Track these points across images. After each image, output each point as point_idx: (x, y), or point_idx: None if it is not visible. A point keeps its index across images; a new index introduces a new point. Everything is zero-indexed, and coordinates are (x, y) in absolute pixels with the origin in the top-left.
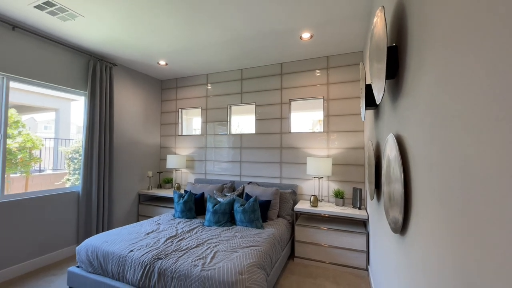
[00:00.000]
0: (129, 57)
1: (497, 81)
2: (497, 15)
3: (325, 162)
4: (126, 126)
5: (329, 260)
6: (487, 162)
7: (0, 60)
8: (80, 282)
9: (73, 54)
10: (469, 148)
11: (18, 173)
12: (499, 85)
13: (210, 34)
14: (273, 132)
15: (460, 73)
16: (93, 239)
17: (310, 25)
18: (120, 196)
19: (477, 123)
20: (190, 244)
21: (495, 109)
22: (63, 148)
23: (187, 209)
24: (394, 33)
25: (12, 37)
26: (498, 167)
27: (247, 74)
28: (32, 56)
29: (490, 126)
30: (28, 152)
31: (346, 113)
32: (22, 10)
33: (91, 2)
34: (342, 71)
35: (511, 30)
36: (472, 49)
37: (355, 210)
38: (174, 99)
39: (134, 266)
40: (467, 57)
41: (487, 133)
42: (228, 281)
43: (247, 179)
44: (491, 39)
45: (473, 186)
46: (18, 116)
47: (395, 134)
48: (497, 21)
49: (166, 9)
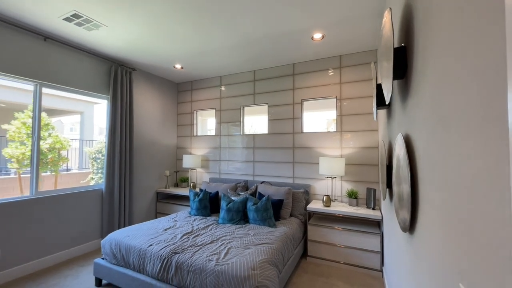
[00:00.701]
0: (147, 62)
1: (484, 83)
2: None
3: (338, 162)
4: (145, 128)
5: (342, 260)
6: (482, 162)
7: (34, 69)
8: (105, 273)
9: (97, 61)
10: (465, 148)
11: (49, 172)
12: (486, 87)
13: (223, 38)
14: (285, 132)
15: (456, 75)
16: (116, 233)
17: (321, 26)
18: (139, 194)
19: (471, 123)
20: (205, 240)
21: (483, 110)
22: (87, 148)
23: (202, 207)
24: (403, 33)
25: (44, 48)
26: (492, 167)
27: (259, 75)
28: (61, 64)
29: (481, 126)
30: (57, 152)
31: (359, 113)
32: (52, 23)
33: (113, 13)
34: (355, 70)
35: (495, 35)
36: (466, 53)
37: (369, 211)
38: (190, 101)
39: (153, 260)
40: (462, 60)
41: (480, 134)
42: (240, 276)
43: (260, 178)
44: (483, 45)
45: (472, 185)
46: (48, 119)
47: (404, 134)
48: (486, 25)
49: (181, 17)
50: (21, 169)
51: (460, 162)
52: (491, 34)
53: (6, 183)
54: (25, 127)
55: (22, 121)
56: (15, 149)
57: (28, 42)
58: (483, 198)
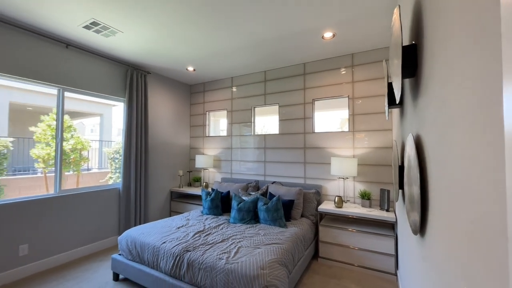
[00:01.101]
0: (161, 65)
1: (488, 84)
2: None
3: (350, 162)
4: (159, 129)
5: (355, 262)
6: (486, 164)
7: (57, 75)
8: (122, 268)
9: (114, 65)
10: (470, 150)
11: (71, 171)
12: (490, 88)
13: (233, 40)
14: (296, 132)
15: (462, 75)
16: (132, 230)
17: (332, 24)
18: (154, 193)
19: (475, 125)
20: (216, 239)
21: (486, 111)
22: (106, 149)
23: (214, 206)
24: (414, 31)
25: (66, 54)
26: (496, 168)
27: (270, 76)
28: (82, 69)
29: (485, 128)
30: (79, 153)
31: (372, 112)
32: (73, 30)
33: (129, 20)
34: (368, 68)
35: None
36: (470, 52)
37: (383, 212)
38: (202, 102)
39: (166, 256)
40: (466, 60)
41: (484, 136)
42: (250, 275)
43: (271, 178)
44: (486, 44)
45: (478, 188)
46: (70, 121)
47: (415, 133)
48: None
49: (194, 21)
50: (47, 168)
51: (466, 164)
52: (493, 34)
53: (33, 182)
54: (50, 129)
55: (47, 123)
56: (41, 150)
57: (51, 50)
58: (488, 201)
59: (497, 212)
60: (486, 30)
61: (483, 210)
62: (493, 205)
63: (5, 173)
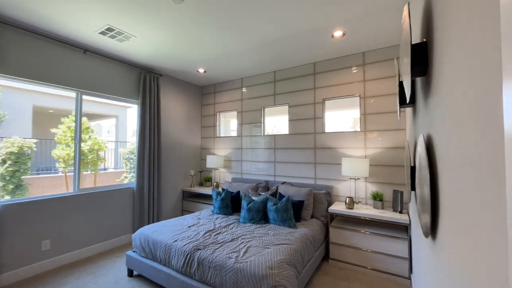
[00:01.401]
0: (173, 67)
1: (494, 83)
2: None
3: (362, 163)
4: (171, 130)
5: (366, 264)
6: (492, 165)
7: (75, 79)
8: (136, 265)
9: (128, 69)
10: (477, 150)
11: (89, 170)
12: (491, 87)
13: (243, 41)
14: (306, 132)
15: (469, 73)
16: (145, 228)
17: (341, 23)
18: (167, 192)
19: (480, 125)
20: (225, 238)
21: (493, 111)
22: (121, 149)
23: (224, 206)
24: (424, 28)
25: (84, 59)
26: (497, 168)
27: (280, 76)
28: (98, 73)
29: (490, 128)
30: (96, 153)
31: (385, 111)
32: (90, 37)
33: (142, 25)
34: (379, 66)
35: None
36: (476, 51)
37: (396, 214)
38: (213, 103)
39: (177, 254)
40: (471, 59)
41: (486, 135)
42: (258, 274)
43: (281, 179)
44: (491, 43)
45: (483, 186)
46: (88, 123)
47: (426, 134)
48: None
49: (204, 24)
50: (67, 168)
51: (472, 165)
52: (498, 34)
53: (55, 181)
54: (70, 131)
55: (67, 125)
56: (62, 150)
57: (71, 55)
58: (494, 205)
59: (502, 219)
60: (489, 30)
61: (488, 215)
62: (497, 210)
63: (29, 172)
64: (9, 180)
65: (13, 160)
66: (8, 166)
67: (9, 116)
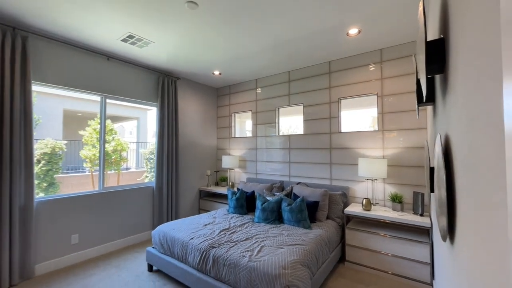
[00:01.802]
0: (189, 70)
1: (499, 83)
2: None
3: (379, 163)
4: (189, 131)
5: (384, 268)
6: (499, 165)
7: (100, 84)
8: (155, 260)
9: (148, 73)
10: (488, 150)
11: (112, 170)
12: (499, 87)
13: (257, 42)
14: (322, 132)
15: (481, 71)
16: (164, 226)
17: (356, 20)
18: (184, 191)
19: (491, 125)
20: (240, 237)
21: (499, 111)
22: (142, 150)
23: (239, 205)
24: (442, 24)
25: (107, 66)
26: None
27: (294, 76)
28: (120, 78)
29: (499, 128)
30: (119, 153)
31: (404, 110)
32: (112, 44)
33: (160, 31)
34: (398, 63)
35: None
36: (486, 49)
37: (416, 217)
38: (228, 105)
39: (194, 252)
40: (483, 56)
41: (497, 136)
42: (271, 274)
43: (296, 179)
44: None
45: (493, 188)
46: (112, 125)
47: (444, 133)
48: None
49: (219, 29)
50: (93, 167)
51: (485, 166)
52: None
53: (82, 179)
54: (95, 132)
55: (93, 127)
56: (88, 151)
57: (95, 62)
58: (503, 207)
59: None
60: (499, 28)
61: (499, 217)
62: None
63: (60, 171)
64: (43, 179)
65: (47, 160)
66: (42, 166)
67: (42, 119)
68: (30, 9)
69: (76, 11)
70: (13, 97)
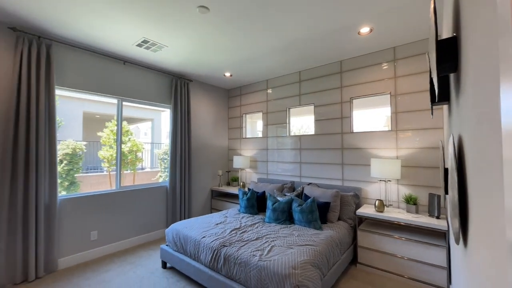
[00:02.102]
0: (201, 73)
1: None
2: None
3: (393, 164)
4: (201, 132)
5: (398, 271)
6: (497, 164)
7: (117, 87)
8: (169, 258)
9: (161, 76)
10: (491, 150)
11: (128, 170)
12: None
13: (268, 43)
14: (333, 132)
15: (487, 71)
16: (177, 224)
17: (368, 19)
18: (197, 191)
19: (496, 126)
20: (251, 236)
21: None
22: (156, 150)
23: (250, 205)
24: (455, 21)
25: (124, 70)
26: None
27: (305, 76)
28: (136, 81)
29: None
30: (134, 154)
31: (419, 109)
32: (128, 49)
33: (173, 36)
34: (412, 61)
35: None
36: (492, 49)
37: (432, 219)
38: (239, 106)
39: (205, 250)
40: (490, 55)
41: (498, 137)
42: (281, 273)
43: (307, 180)
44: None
45: (496, 190)
46: (128, 126)
47: (457, 133)
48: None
49: (230, 32)
50: (110, 167)
51: (490, 167)
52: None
53: (101, 179)
54: (112, 134)
55: (110, 129)
56: (106, 152)
57: (112, 67)
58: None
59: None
60: (497, 29)
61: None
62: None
63: (81, 171)
64: (65, 178)
65: (68, 160)
66: (64, 166)
67: (64, 121)
68: (54, 20)
69: (95, 20)
70: (38, 102)
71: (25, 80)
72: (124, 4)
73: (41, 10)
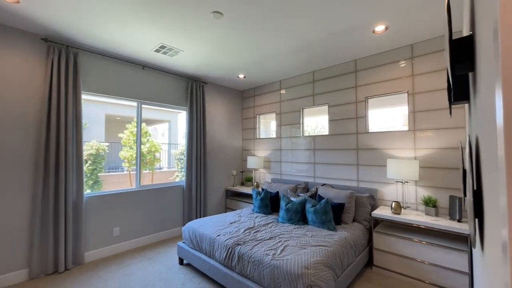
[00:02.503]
0: (216, 75)
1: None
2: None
3: (410, 165)
4: (216, 132)
5: (415, 275)
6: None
7: (136, 91)
8: (185, 255)
9: (178, 79)
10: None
11: (147, 169)
12: None
13: (281, 44)
14: (348, 132)
15: (489, 75)
16: (193, 223)
17: (383, 17)
18: (212, 190)
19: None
20: (264, 236)
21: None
22: (173, 151)
23: (263, 205)
24: (471, 18)
25: (143, 74)
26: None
27: (318, 76)
28: (154, 85)
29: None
30: (153, 154)
31: (438, 108)
32: (147, 54)
33: (189, 41)
34: (430, 58)
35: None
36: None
37: (453, 222)
38: (252, 106)
39: (220, 248)
40: (492, 59)
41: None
42: (294, 273)
43: (321, 180)
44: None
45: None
46: (146, 127)
47: (474, 134)
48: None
49: (242, 34)
50: (130, 167)
51: (499, 170)
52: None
53: (122, 178)
54: (132, 135)
55: (130, 130)
56: (126, 152)
57: (132, 71)
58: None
59: None
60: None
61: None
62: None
63: (103, 170)
64: (90, 177)
65: (92, 160)
66: (89, 165)
67: (89, 124)
68: (80, 30)
69: (117, 29)
70: (67, 106)
71: (55, 86)
72: (144, 13)
73: (69, 21)
